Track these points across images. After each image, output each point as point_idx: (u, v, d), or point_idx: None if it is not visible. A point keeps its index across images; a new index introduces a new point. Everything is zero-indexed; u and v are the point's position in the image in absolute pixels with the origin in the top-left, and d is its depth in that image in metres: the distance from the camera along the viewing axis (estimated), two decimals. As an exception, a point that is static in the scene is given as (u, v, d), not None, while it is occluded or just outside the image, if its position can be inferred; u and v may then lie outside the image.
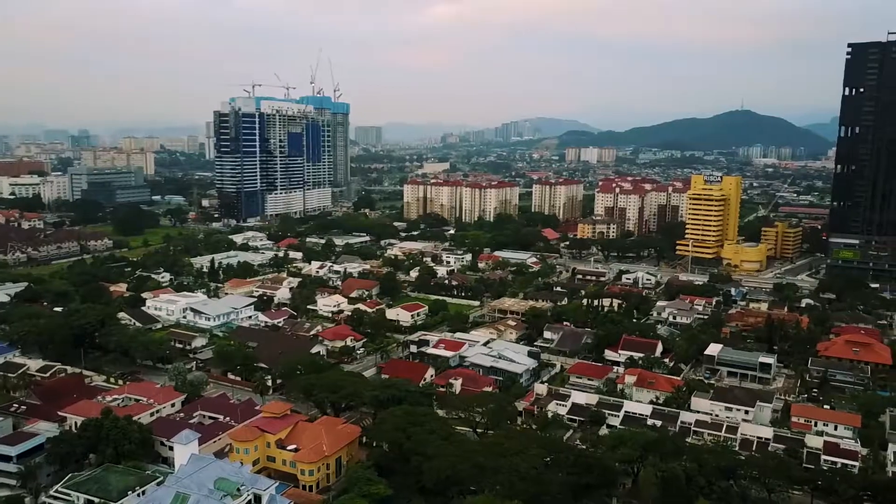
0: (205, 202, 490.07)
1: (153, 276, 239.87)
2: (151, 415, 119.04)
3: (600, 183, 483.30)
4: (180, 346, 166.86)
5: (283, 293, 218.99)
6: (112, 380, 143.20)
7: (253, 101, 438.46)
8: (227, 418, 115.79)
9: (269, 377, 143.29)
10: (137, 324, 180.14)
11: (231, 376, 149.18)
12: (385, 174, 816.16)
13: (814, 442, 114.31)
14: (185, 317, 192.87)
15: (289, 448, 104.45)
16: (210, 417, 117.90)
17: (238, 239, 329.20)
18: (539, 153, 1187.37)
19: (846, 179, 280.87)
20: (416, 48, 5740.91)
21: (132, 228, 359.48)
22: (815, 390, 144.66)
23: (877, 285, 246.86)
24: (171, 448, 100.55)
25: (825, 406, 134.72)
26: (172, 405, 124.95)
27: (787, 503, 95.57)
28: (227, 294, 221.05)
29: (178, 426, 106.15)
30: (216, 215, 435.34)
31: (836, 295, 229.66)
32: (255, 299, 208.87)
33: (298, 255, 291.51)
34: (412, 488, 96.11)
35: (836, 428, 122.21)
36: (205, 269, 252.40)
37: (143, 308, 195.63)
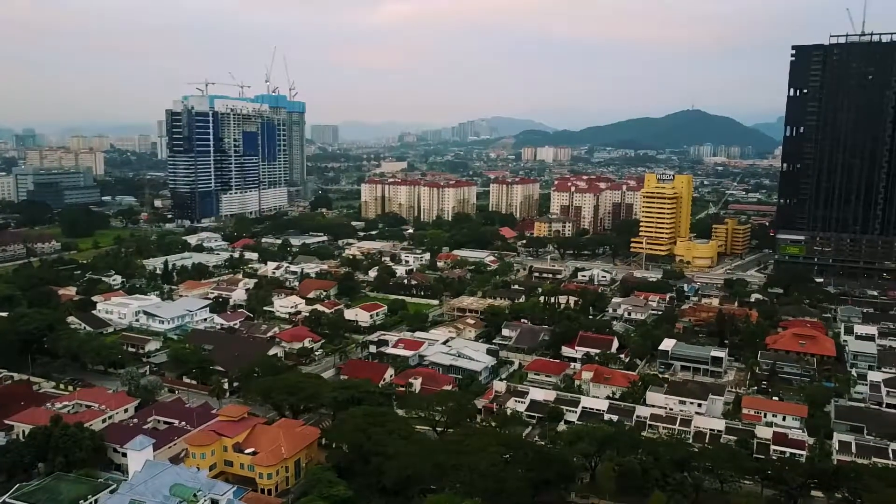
0: (157, 203, 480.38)
1: (104, 278, 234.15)
2: (103, 421, 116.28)
3: (556, 182, 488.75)
4: (133, 350, 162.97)
5: (238, 294, 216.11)
6: (61, 386, 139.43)
7: (206, 99, 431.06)
8: (183, 423, 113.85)
9: (226, 380, 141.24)
10: (88, 328, 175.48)
11: (186, 380, 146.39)
12: (342, 173, 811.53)
13: (763, 433, 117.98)
14: (137, 320, 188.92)
15: (247, 452, 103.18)
16: (165, 422, 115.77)
17: (192, 240, 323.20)
18: (496, 152, 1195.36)
19: (792, 177, 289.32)
20: (371, 47, 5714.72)
21: (81, 230, 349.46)
22: (764, 382, 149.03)
23: (821, 279, 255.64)
24: (124, 455, 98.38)
25: (774, 398, 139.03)
26: (125, 411, 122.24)
27: (739, 493, 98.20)
28: (181, 296, 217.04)
29: (132, 432, 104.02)
30: (169, 216, 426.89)
31: (784, 289, 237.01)
32: (211, 301, 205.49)
33: (254, 255, 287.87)
34: (373, 489, 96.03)
35: (784, 419, 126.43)
36: (158, 271, 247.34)
37: (93, 312, 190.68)
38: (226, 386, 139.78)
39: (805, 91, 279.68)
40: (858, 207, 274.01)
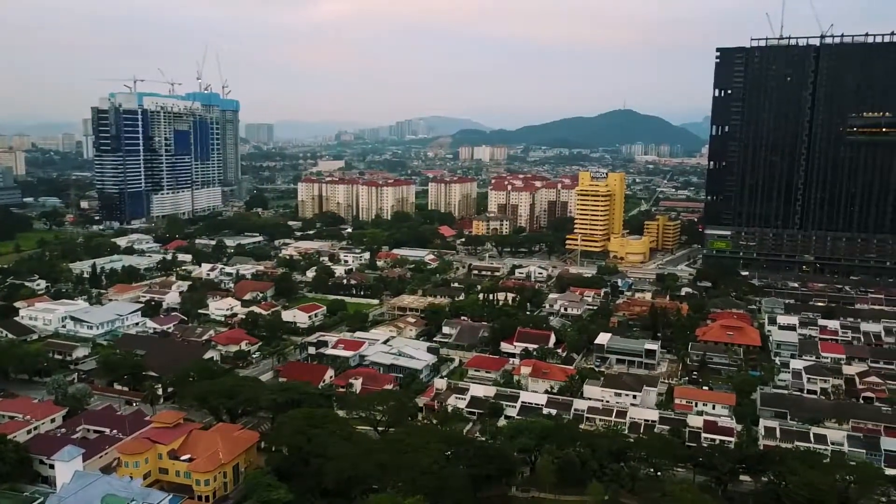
0: (84, 204, 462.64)
1: (27, 283, 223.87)
2: (28, 432, 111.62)
3: (493, 181, 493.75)
4: (60, 357, 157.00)
5: (172, 297, 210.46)
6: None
7: (135, 96, 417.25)
8: (115, 431, 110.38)
9: (160, 386, 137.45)
10: (10, 335, 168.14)
11: (118, 387, 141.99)
12: (278, 172, 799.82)
13: (695, 421, 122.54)
14: (64, 326, 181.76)
15: (183, 458, 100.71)
16: (95, 431, 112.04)
17: (122, 242, 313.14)
18: (434, 151, 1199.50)
19: (718, 175, 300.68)
20: (306, 45, 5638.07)
21: (1, 233, 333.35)
22: (695, 373, 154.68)
23: (746, 273, 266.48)
24: (52, 466, 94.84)
25: (704, 387, 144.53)
26: (52, 420, 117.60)
27: (673, 480, 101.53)
28: (111, 300, 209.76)
29: (60, 442, 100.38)
30: (97, 217, 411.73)
31: (712, 283, 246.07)
32: (143, 305, 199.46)
33: (188, 257, 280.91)
34: (314, 491, 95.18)
35: (714, 407, 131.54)
36: (85, 275, 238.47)
37: (15, 318, 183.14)
38: (160, 392, 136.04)
39: (729, 91, 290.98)
40: (780, 203, 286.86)
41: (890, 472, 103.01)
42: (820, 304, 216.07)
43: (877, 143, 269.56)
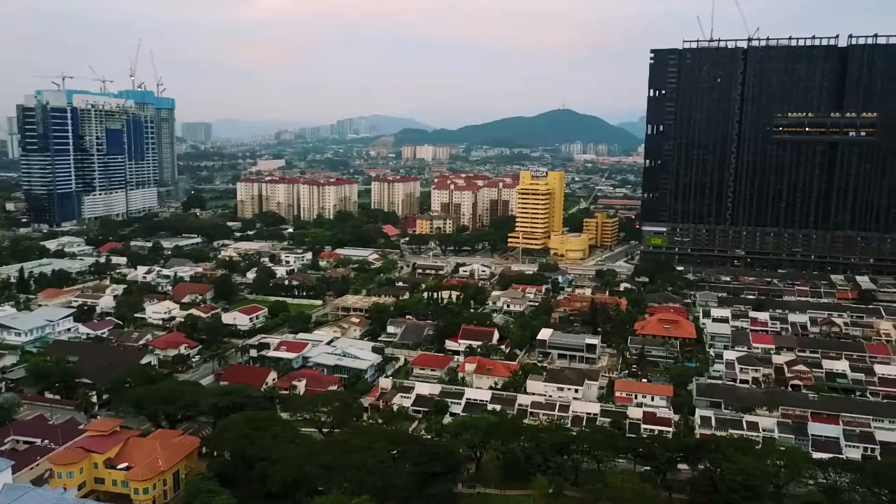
0: (10, 205, 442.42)
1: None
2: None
3: (436, 180, 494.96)
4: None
5: (106, 302, 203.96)
6: None
7: (63, 94, 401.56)
8: (46, 441, 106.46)
9: (94, 393, 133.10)
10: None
11: (49, 395, 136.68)
12: (216, 172, 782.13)
13: (635, 413, 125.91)
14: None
15: (119, 467, 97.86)
16: (25, 442, 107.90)
17: (52, 245, 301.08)
18: (376, 150, 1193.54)
19: (653, 173, 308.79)
20: (244, 43, 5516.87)
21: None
22: (634, 366, 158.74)
23: (682, 268, 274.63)
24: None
25: (643, 380, 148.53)
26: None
27: (614, 471, 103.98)
28: (40, 306, 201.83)
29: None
30: (24, 220, 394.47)
31: (649, 278, 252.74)
32: (75, 310, 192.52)
33: (122, 260, 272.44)
34: (258, 495, 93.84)
35: (652, 399, 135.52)
36: (12, 280, 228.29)
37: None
38: (94, 399, 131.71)
39: (663, 92, 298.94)
40: (712, 200, 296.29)
41: (817, 456, 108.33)
42: (750, 296, 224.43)
43: (801, 141, 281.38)
